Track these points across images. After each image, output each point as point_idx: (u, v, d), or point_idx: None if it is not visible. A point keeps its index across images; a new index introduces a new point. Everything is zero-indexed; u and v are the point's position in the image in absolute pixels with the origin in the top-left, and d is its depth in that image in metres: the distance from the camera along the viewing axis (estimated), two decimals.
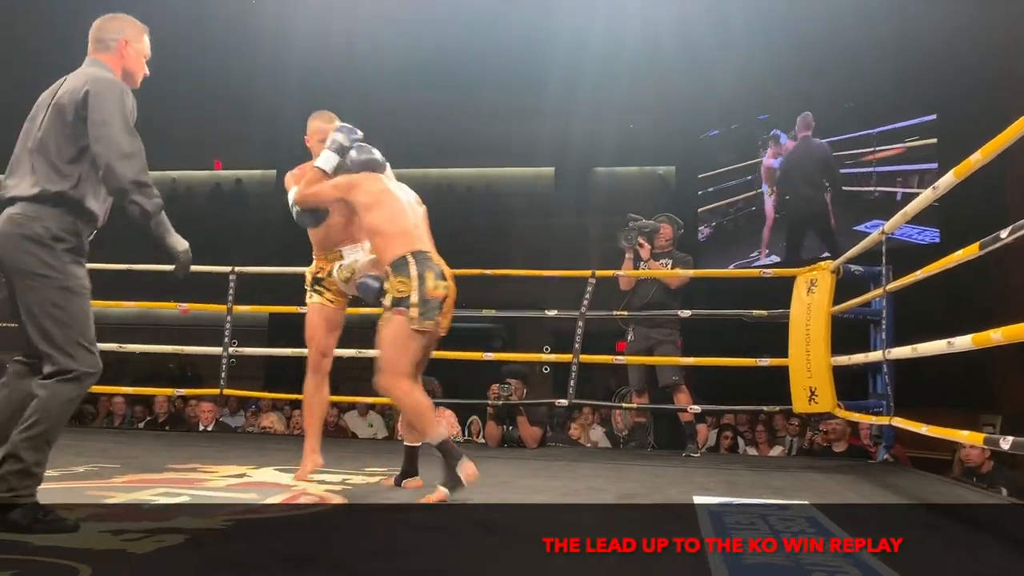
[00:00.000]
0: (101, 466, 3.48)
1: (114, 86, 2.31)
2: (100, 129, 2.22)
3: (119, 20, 2.46)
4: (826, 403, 4.51)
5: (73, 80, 2.32)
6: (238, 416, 7.26)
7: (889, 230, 3.92)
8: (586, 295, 5.17)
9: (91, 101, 2.24)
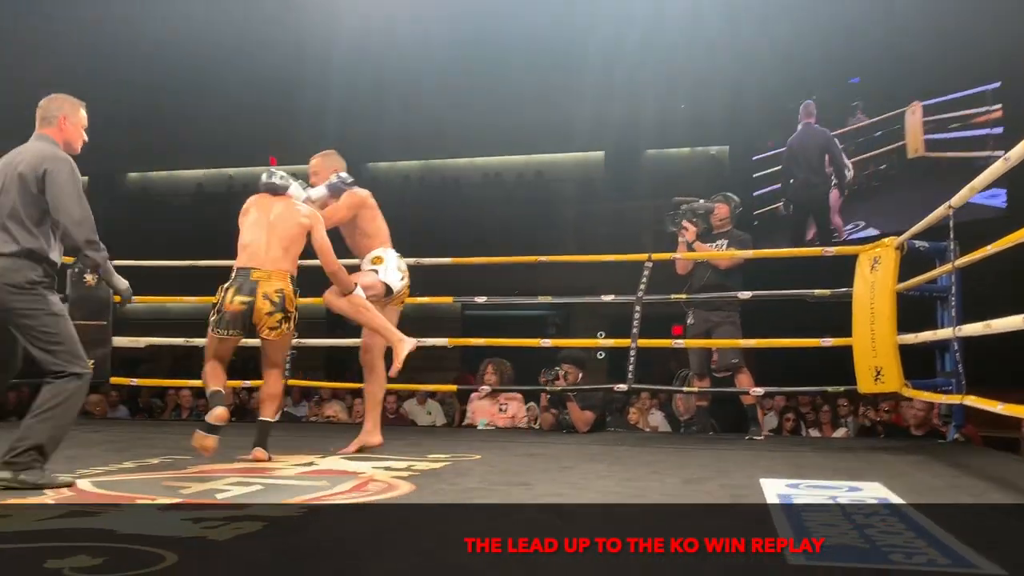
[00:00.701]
0: (175, 457, 3.58)
1: (65, 164, 2.93)
2: (57, 201, 2.86)
3: (59, 100, 3.09)
4: (892, 383, 4.42)
5: (30, 157, 2.91)
6: (301, 406, 7.39)
7: (956, 204, 3.81)
8: (643, 279, 5.14)
9: (48, 179, 2.86)
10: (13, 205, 2.86)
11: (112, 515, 2.24)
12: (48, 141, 3.00)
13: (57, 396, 2.83)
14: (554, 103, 12.29)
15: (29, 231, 2.86)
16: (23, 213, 2.86)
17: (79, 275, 5.80)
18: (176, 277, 7.96)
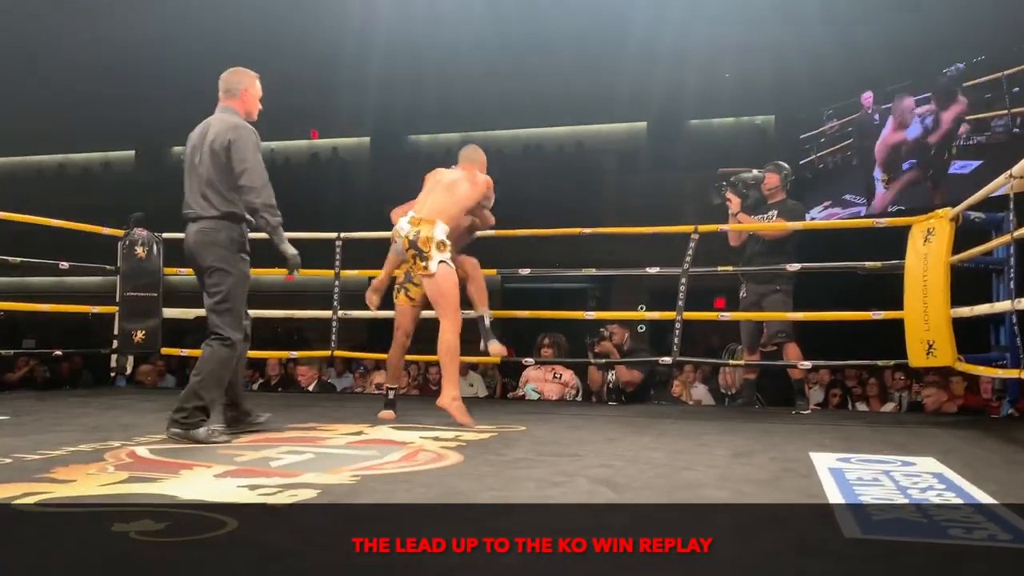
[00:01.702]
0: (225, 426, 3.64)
1: (249, 133, 3.28)
2: (242, 167, 3.21)
3: (239, 73, 3.47)
4: (945, 357, 4.33)
5: (219, 128, 3.27)
6: (345, 377, 7.48)
7: (1018, 173, 3.69)
8: (689, 251, 5.07)
9: (234, 148, 3.21)
10: (209, 175, 3.22)
11: (171, 482, 2.29)
12: (231, 112, 3.36)
13: (210, 361, 3.18)
14: (596, 73, 12.16)
15: (224, 196, 3.23)
16: (218, 180, 3.22)
17: (130, 247, 5.91)
18: None
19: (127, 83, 14.02)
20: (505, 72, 12.50)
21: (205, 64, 14.22)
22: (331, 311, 5.77)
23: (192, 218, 3.28)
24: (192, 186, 3.29)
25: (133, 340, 5.91)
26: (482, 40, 11.88)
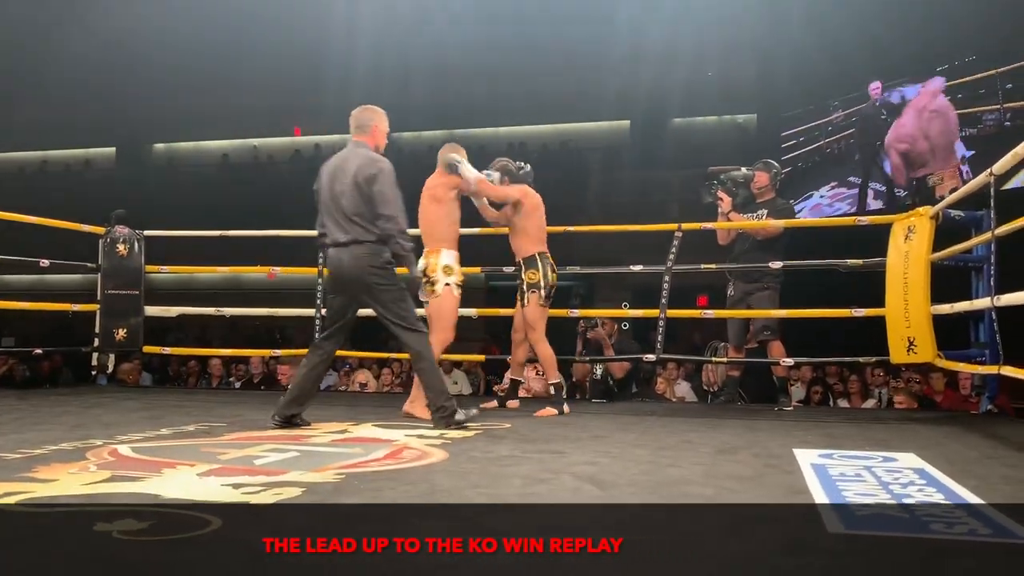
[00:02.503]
0: (209, 424, 3.63)
1: (387, 167, 3.59)
2: (383, 198, 3.53)
3: (370, 110, 3.77)
4: (926, 353, 4.38)
5: (360, 163, 3.58)
6: (330, 375, 7.46)
7: (999, 171, 3.73)
8: (672, 249, 5.09)
9: (375, 183, 3.53)
10: (356, 206, 3.54)
11: (154, 480, 2.27)
12: (365, 147, 3.67)
13: (421, 359, 3.60)
14: (580, 72, 12.19)
15: (369, 223, 3.54)
16: (365, 210, 3.54)
17: (111, 244, 5.86)
18: (204, 246, 8.04)
19: (109, 80, 13.91)
20: (490, 70, 12.52)
21: (187, 62, 14.21)
22: (314, 309, 5.74)
23: (343, 243, 3.57)
24: (336, 215, 3.58)
25: (115, 338, 5.86)
26: (468, 39, 11.88)
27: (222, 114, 14.62)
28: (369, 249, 3.54)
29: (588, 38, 11.58)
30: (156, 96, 14.39)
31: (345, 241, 3.57)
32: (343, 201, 3.56)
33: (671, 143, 13.37)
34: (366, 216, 3.54)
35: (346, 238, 3.56)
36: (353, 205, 3.55)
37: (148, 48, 12.97)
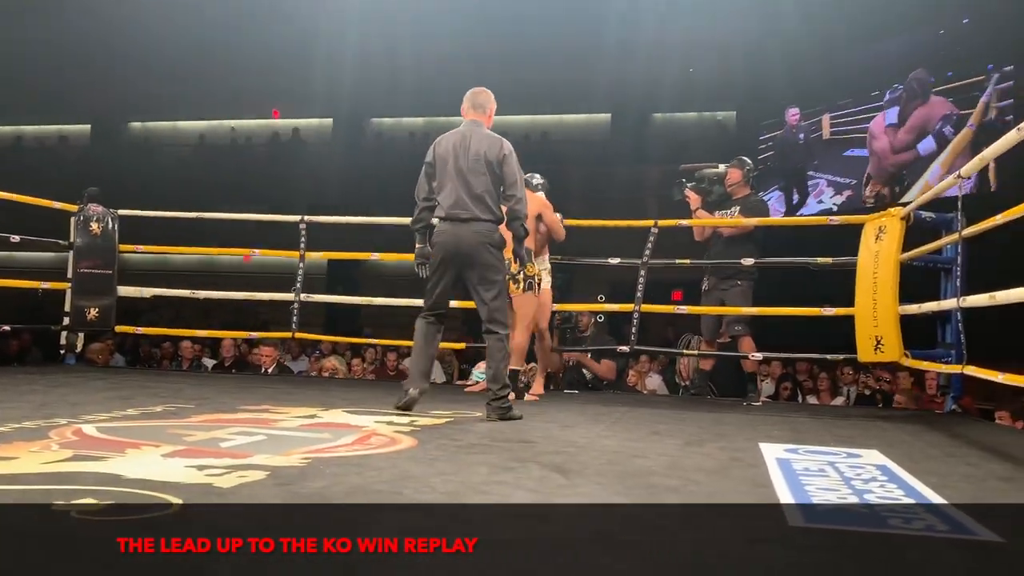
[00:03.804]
0: (177, 406, 3.60)
1: (513, 152, 3.66)
2: (512, 181, 3.62)
3: (485, 93, 3.80)
4: (892, 352, 4.44)
5: (486, 140, 3.64)
6: (301, 361, 7.43)
7: (966, 174, 3.78)
8: (648, 244, 5.13)
9: (505, 163, 3.61)
10: (486, 184, 3.60)
11: (117, 460, 2.25)
12: (483, 127, 3.71)
13: (499, 352, 3.63)
14: (562, 63, 12.18)
15: (495, 203, 3.62)
16: (493, 190, 3.61)
17: (84, 223, 5.79)
18: (178, 228, 7.96)
19: (85, 57, 13.71)
20: (472, 58, 12.44)
21: (167, 40, 14.03)
22: (292, 293, 5.71)
23: (464, 219, 3.60)
24: (462, 190, 3.60)
25: (86, 317, 5.79)
26: (453, 25, 11.82)
27: (200, 94, 14.45)
28: (488, 228, 3.61)
29: (577, 29, 11.58)
30: (133, 74, 14.20)
31: (466, 217, 3.60)
32: (470, 178, 3.60)
33: (651, 138, 13.41)
34: (490, 198, 3.61)
35: (467, 215, 3.60)
36: (481, 184, 3.60)
37: (126, 25, 12.79)
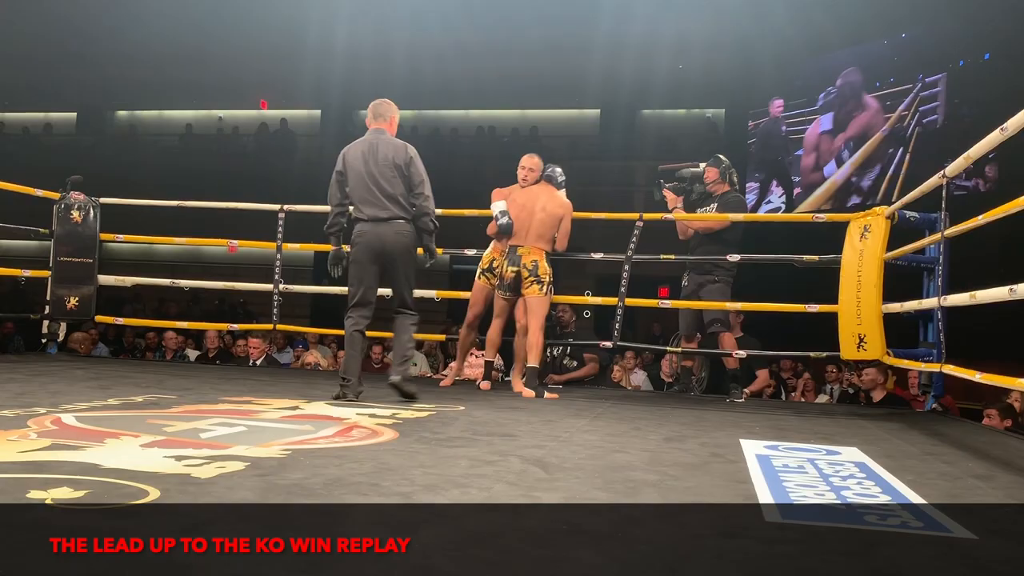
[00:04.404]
0: (159, 396, 3.58)
1: (417, 155, 4.00)
2: (419, 180, 3.98)
3: (386, 104, 4.15)
4: (875, 350, 4.46)
5: (391, 148, 3.99)
6: (286, 352, 7.40)
7: (951, 173, 3.80)
8: (633, 238, 5.14)
9: (412, 166, 3.97)
10: (398, 186, 3.95)
11: (96, 450, 2.24)
12: (387, 134, 4.06)
13: (412, 328, 4.04)
14: (552, 58, 12.16)
15: (406, 203, 3.97)
16: (403, 191, 3.96)
17: (66, 211, 5.75)
18: (163, 218, 7.91)
19: (72, 44, 13.58)
20: (464, 52, 12.41)
21: (155, 28, 13.90)
22: (272, 284, 5.68)
23: (385, 219, 3.94)
24: (378, 193, 3.94)
25: (66, 306, 5.75)
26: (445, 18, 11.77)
27: (188, 83, 14.35)
28: (406, 225, 3.98)
29: (567, 24, 11.56)
30: (120, 62, 14.08)
31: (386, 217, 3.94)
32: (382, 183, 3.94)
33: (640, 134, 13.43)
34: (404, 196, 3.96)
35: (387, 215, 3.94)
36: (392, 186, 3.94)
37: (114, 12, 12.67)
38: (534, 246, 4.70)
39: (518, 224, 4.72)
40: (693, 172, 5.09)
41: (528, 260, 4.66)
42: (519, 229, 4.72)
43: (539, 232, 4.71)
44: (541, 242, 4.72)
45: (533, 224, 4.71)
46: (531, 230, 4.71)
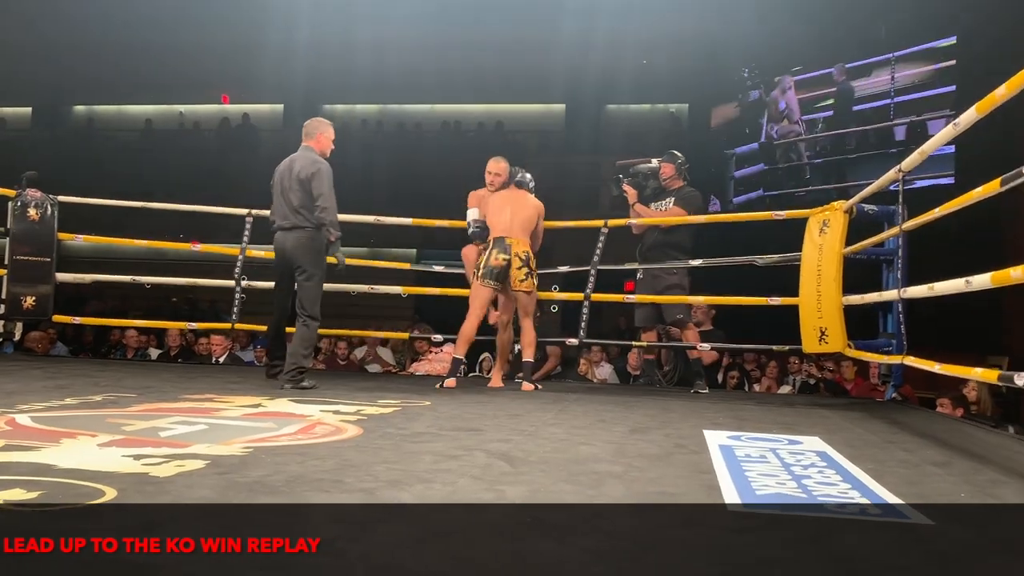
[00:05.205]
0: (118, 395, 3.52)
1: (324, 167, 4.35)
2: (319, 192, 4.30)
3: (316, 121, 4.54)
4: (836, 343, 4.52)
5: (304, 164, 4.35)
6: (249, 350, 7.32)
7: (906, 168, 3.86)
8: (599, 245, 5.21)
9: (314, 179, 4.31)
10: (301, 198, 4.32)
11: (51, 450, 2.19)
12: (311, 151, 4.42)
13: (310, 334, 4.31)
14: (518, 52, 12.14)
15: (309, 212, 4.30)
16: (307, 203, 4.31)
17: (22, 208, 5.63)
18: (124, 216, 7.77)
19: (27, 36, 13.27)
20: (428, 46, 12.34)
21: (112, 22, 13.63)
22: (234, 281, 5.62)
23: (288, 227, 4.36)
24: (285, 205, 4.37)
25: (23, 306, 5.63)
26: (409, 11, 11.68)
27: (147, 77, 14.09)
28: (307, 234, 4.33)
29: (533, 18, 11.54)
30: (78, 56, 13.79)
31: (288, 227, 4.36)
32: (290, 195, 4.33)
33: (606, 129, 13.47)
34: (308, 207, 4.31)
35: (289, 224, 4.36)
36: (297, 198, 4.32)
37: (72, 4, 12.41)
38: (520, 238, 4.74)
39: (501, 219, 4.75)
40: (651, 168, 5.14)
41: (520, 250, 4.71)
42: (503, 223, 4.75)
43: (523, 226, 4.77)
44: (525, 236, 4.76)
45: (515, 219, 4.75)
46: (514, 224, 4.75)
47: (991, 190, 2.76)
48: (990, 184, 2.75)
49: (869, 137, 9.93)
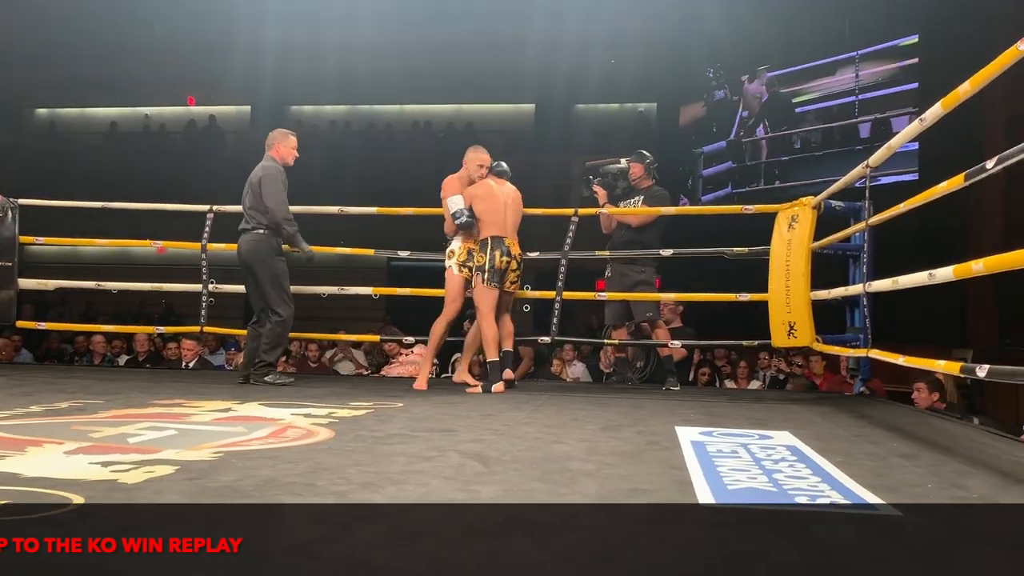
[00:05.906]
0: (85, 402, 3.47)
1: (276, 173, 4.65)
2: (265, 193, 4.59)
3: (276, 133, 4.81)
4: (805, 337, 4.58)
5: (257, 169, 4.69)
6: (219, 354, 7.25)
7: (874, 164, 3.92)
8: (569, 234, 5.19)
9: (261, 184, 4.61)
10: (252, 201, 4.62)
11: (16, 459, 2.15)
12: (269, 159, 4.72)
13: (274, 330, 4.55)
14: (487, 53, 12.14)
15: (263, 215, 4.58)
16: (259, 205, 4.59)
17: None
18: (88, 219, 7.64)
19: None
20: (397, 46, 12.29)
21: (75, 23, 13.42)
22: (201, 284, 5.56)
23: (241, 230, 4.66)
24: (243, 210, 4.67)
25: None
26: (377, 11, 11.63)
27: (111, 80, 13.88)
28: (254, 236, 4.60)
29: (501, 18, 11.54)
30: (40, 57, 13.56)
31: (242, 228, 4.64)
32: (244, 199, 4.64)
33: (575, 128, 13.51)
34: (259, 209, 4.58)
35: (242, 226, 4.64)
36: (248, 201, 4.63)
37: (33, 5, 12.19)
38: (515, 239, 4.71)
39: (496, 216, 4.65)
40: (620, 168, 5.17)
41: (516, 252, 4.69)
42: (499, 221, 4.65)
43: (514, 224, 4.73)
44: (515, 234, 4.73)
45: (508, 216, 4.70)
46: (508, 222, 4.69)
47: (955, 185, 2.81)
48: (954, 179, 2.80)
49: (835, 134, 10.06)
